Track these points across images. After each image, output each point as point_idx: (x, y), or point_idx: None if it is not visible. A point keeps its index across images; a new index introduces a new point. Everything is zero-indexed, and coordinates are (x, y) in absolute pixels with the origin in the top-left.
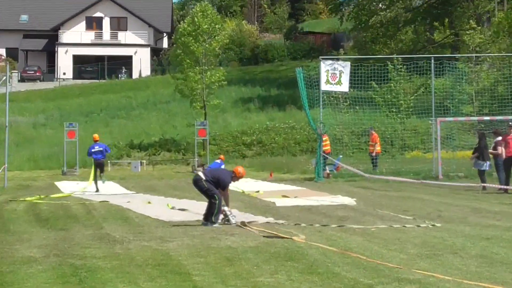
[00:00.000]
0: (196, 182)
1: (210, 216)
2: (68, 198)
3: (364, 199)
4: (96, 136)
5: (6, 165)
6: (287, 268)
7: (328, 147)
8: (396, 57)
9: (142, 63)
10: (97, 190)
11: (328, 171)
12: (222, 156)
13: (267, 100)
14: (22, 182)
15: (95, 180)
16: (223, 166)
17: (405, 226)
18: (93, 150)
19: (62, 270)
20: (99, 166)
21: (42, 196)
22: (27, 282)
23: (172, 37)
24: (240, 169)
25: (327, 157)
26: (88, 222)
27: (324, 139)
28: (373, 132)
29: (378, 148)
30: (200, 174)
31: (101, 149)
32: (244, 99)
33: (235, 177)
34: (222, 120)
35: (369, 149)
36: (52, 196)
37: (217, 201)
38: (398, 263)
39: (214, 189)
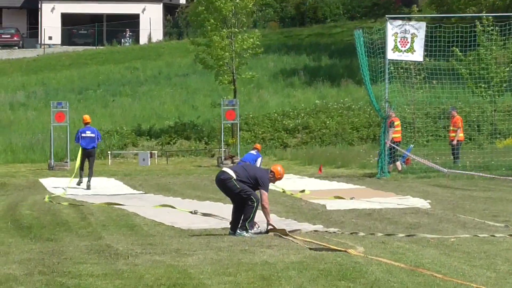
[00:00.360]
0: (224, 182)
1: (243, 222)
2: (57, 198)
3: (441, 201)
4: (87, 117)
5: None
6: None
7: (399, 135)
8: (487, 16)
9: (152, 24)
10: (81, 182)
11: (400, 164)
12: (258, 145)
13: (316, 72)
14: None
15: (81, 167)
16: (260, 159)
17: (494, 236)
18: (83, 135)
19: None
20: (89, 157)
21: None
22: None
23: None
24: (280, 168)
25: (395, 147)
26: (83, 231)
27: (396, 123)
28: (455, 114)
29: (460, 134)
30: (228, 171)
31: (93, 135)
32: (286, 72)
33: (273, 178)
34: (257, 98)
35: (449, 136)
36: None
37: (254, 204)
38: (484, 283)
39: (249, 189)
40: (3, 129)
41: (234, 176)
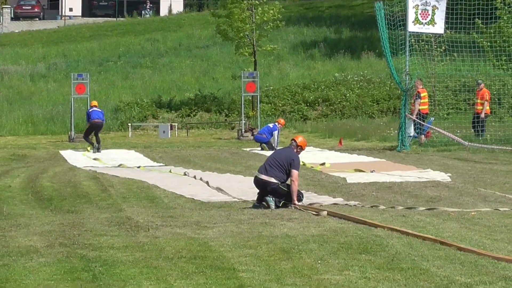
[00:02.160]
0: (271, 188)
1: (278, 197)
2: (77, 170)
3: (461, 174)
4: (95, 102)
5: None
6: (360, 262)
7: (426, 107)
8: None
9: None
10: (93, 145)
11: (424, 136)
12: (282, 121)
13: (336, 45)
14: (17, 151)
15: (86, 138)
16: (277, 132)
17: None
18: (91, 111)
19: (70, 264)
20: (97, 129)
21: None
22: (26, 279)
23: None
24: (302, 138)
25: (417, 120)
26: (103, 203)
27: (423, 94)
28: (482, 87)
29: (487, 107)
30: (270, 179)
31: (101, 111)
32: (307, 44)
33: (301, 150)
34: (278, 70)
35: (475, 108)
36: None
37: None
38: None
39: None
40: (24, 100)
41: (275, 180)
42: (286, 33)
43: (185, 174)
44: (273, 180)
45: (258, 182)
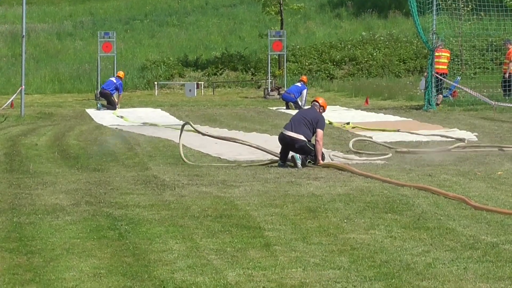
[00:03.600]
0: (298, 144)
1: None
2: (104, 129)
3: (488, 133)
4: (121, 73)
5: (23, 86)
6: (386, 221)
7: (443, 66)
8: None
9: None
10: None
11: (441, 97)
12: (304, 77)
13: (363, 3)
14: (44, 109)
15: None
16: (306, 91)
17: None
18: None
19: (96, 222)
20: (105, 97)
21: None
22: (52, 237)
23: None
24: (323, 99)
25: (441, 79)
26: (129, 161)
27: (436, 54)
28: (510, 46)
29: None
30: (297, 136)
31: (115, 82)
32: (334, 3)
33: (323, 111)
34: (304, 29)
35: (502, 68)
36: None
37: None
38: None
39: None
40: (50, 58)
41: (304, 138)
42: None
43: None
44: (301, 137)
45: (285, 139)
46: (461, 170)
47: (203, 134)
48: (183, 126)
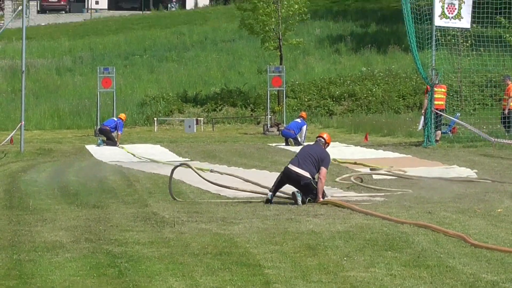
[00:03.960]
0: (303, 182)
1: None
2: (103, 165)
3: (487, 170)
4: (123, 115)
5: (22, 122)
6: (386, 259)
7: (442, 102)
8: None
9: None
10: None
11: (440, 133)
12: (304, 113)
13: (362, 39)
14: (43, 145)
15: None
16: (305, 127)
17: None
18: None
19: (96, 259)
20: (104, 134)
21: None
22: (52, 274)
23: None
24: (327, 134)
25: (441, 115)
26: (129, 198)
27: (441, 90)
28: (509, 82)
29: None
30: (302, 172)
31: (116, 121)
32: (333, 38)
33: (327, 145)
34: (303, 65)
35: (502, 105)
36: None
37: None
38: None
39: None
40: (50, 94)
41: (308, 175)
42: (312, 27)
43: (211, 171)
44: (307, 174)
45: (290, 175)
46: (461, 207)
47: (202, 177)
48: (174, 168)
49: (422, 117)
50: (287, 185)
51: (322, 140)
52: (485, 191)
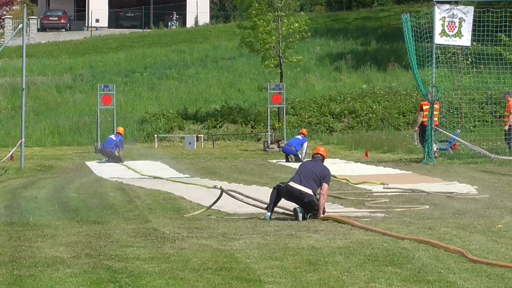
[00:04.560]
0: (305, 199)
1: (313, 211)
2: (104, 181)
3: (488, 187)
4: (121, 129)
5: (23, 139)
6: (387, 274)
7: (436, 119)
8: None
9: (198, 7)
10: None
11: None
12: (304, 130)
13: (362, 57)
14: (44, 162)
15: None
16: (306, 144)
17: None
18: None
19: (97, 275)
20: (106, 155)
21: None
22: None
23: None
24: (323, 148)
25: (438, 130)
26: (129, 214)
27: (425, 107)
28: (509, 99)
29: None
30: (304, 189)
31: (115, 139)
32: (333, 56)
33: (324, 159)
34: (304, 82)
35: (503, 121)
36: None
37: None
38: None
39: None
40: (50, 111)
41: (311, 192)
42: (313, 45)
43: (215, 187)
44: (310, 191)
45: (293, 192)
46: (461, 223)
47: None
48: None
49: (416, 133)
50: (283, 199)
51: (320, 156)
52: (486, 207)
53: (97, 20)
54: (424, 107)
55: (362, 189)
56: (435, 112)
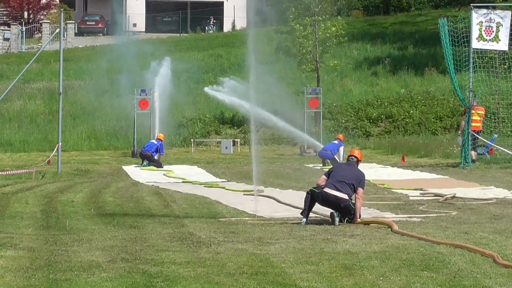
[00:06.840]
0: (342, 204)
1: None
2: (140, 186)
3: None
4: (161, 135)
5: (60, 143)
6: (422, 279)
7: (479, 124)
8: None
9: (236, 12)
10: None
11: (474, 153)
12: (341, 136)
13: (400, 61)
14: (80, 166)
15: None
16: (343, 148)
17: None
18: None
19: (132, 279)
20: (145, 158)
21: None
22: None
23: None
24: (358, 151)
25: (477, 137)
26: (165, 219)
27: (478, 112)
28: None
29: None
30: (339, 194)
31: (155, 143)
32: (370, 60)
33: (359, 162)
34: (341, 87)
35: None
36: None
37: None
38: None
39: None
40: (87, 116)
41: (346, 196)
42: (350, 49)
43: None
44: (345, 196)
45: (329, 198)
46: (498, 228)
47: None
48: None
49: (459, 137)
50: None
51: (354, 158)
52: None
53: (134, 25)
54: (479, 112)
55: (399, 193)
56: (478, 118)
